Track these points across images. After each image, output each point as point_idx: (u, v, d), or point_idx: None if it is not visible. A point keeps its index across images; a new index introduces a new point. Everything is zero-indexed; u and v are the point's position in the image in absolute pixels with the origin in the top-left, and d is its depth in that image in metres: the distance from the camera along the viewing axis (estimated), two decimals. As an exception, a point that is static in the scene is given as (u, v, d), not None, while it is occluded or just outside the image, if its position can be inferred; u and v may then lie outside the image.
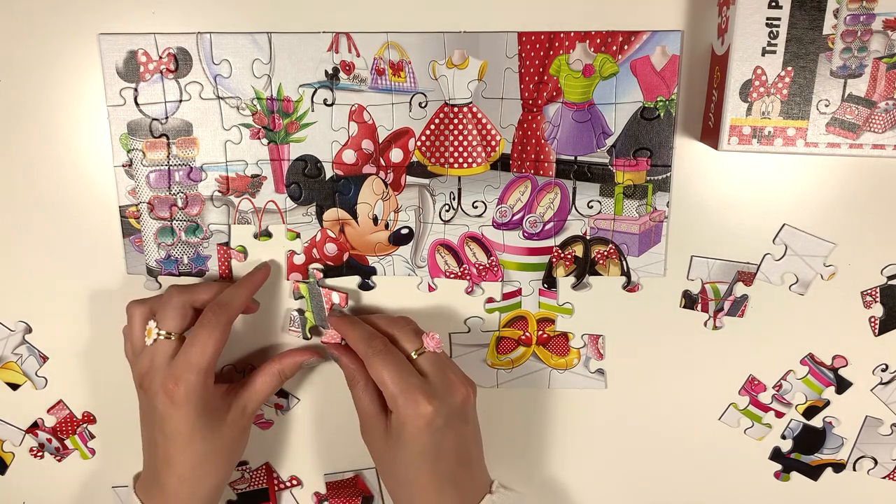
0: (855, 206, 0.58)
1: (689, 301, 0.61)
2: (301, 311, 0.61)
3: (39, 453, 0.65)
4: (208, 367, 0.53)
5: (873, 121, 0.49)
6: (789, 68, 0.49)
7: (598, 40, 0.55)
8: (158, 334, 0.54)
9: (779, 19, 0.48)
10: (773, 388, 0.62)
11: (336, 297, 0.59)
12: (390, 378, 0.52)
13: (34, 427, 0.64)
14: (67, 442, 0.65)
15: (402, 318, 0.58)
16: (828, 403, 0.62)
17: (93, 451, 0.65)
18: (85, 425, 0.64)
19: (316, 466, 0.66)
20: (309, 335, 0.61)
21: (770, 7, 0.48)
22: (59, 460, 0.65)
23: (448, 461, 0.53)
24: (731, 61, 0.49)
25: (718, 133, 0.50)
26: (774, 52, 0.48)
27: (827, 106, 0.49)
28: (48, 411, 0.64)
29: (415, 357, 0.54)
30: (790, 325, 0.61)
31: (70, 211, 0.59)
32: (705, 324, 0.61)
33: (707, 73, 0.55)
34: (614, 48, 0.55)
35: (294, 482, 0.66)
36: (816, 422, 0.63)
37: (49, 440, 0.65)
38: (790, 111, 0.49)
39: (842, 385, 0.62)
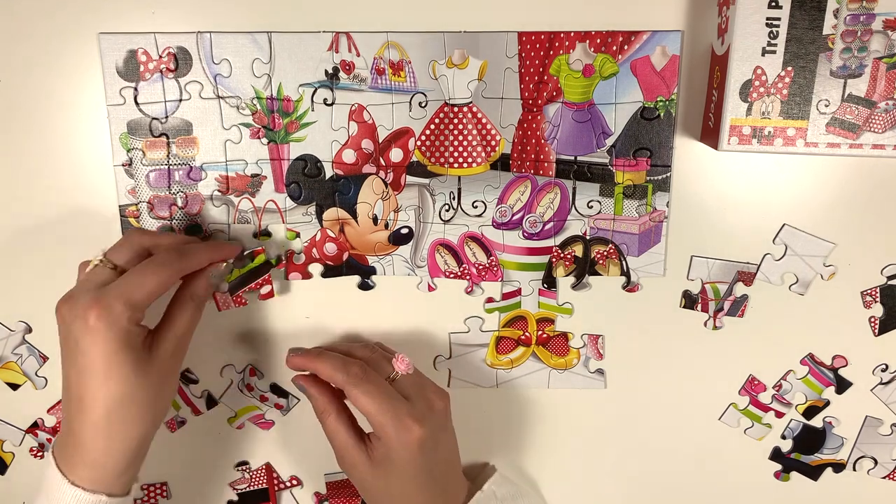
0: (855, 206, 0.58)
1: (689, 301, 0.60)
2: (231, 265, 0.58)
3: (39, 453, 0.65)
4: (139, 304, 0.48)
5: (873, 121, 0.49)
6: (789, 68, 0.49)
7: (598, 40, 0.55)
8: (101, 261, 0.50)
9: (779, 19, 0.48)
10: (773, 388, 0.62)
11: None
12: (376, 406, 0.51)
13: (34, 427, 0.64)
14: (67, 441, 0.65)
15: (365, 346, 0.57)
16: (828, 403, 0.62)
17: (92, 451, 0.65)
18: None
19: (316, 466, 0.66)
20: (225, 288, 0.59)
21: (770, 7, 0.48)
22: (59, 460, 0.65)
23: (438, 476, 0.54)
24: (731, 61, 0.49)
25: (718, 133, 0.50)
26: (774, 52, 0.48)
27: (827, 106, 0.49)
28: (48, 411, 0.64)
29: (390, 382, 0.54)
30: (790, 325, 0.61)
31: (70, 210, 0.59)
32: (705, 324, 0.61)
33: (707, 73, 0.55)
34: (614, 48, 0.55)
35: (294, 482, 0.66)
36: (816, 422, 0.63)
37: (49, 440, 0.64)
38: (790, 111, 0.49)
39: (842, 385, 0.62)
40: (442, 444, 0.54)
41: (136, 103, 0.57)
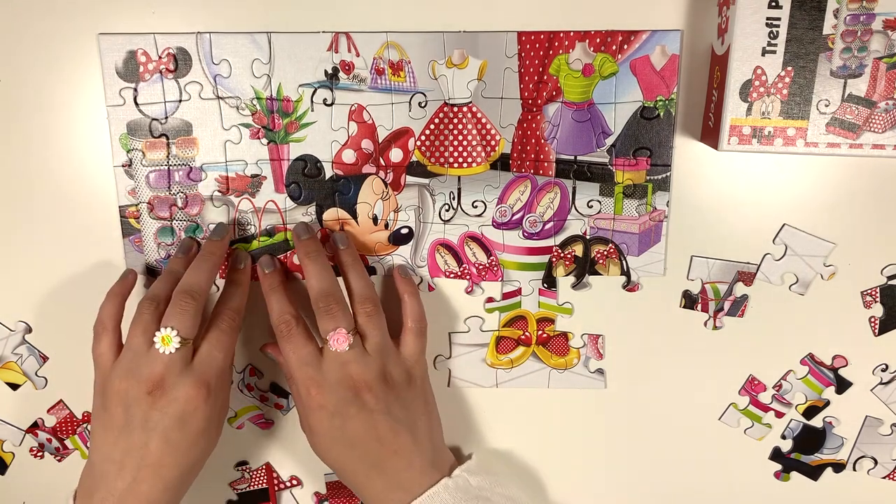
0: (855, 206, 0.58)
1: (689, 301, 0.60)
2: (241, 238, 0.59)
3: (39, 453, 0.65)
4: (229, 372, 0.56)
5: (873, 121, 0.49)
6: (789, 68, 0.49)
7: (598, 40, 0.55)
8: (182, 342, 0.53)
9: (779, 19, 0.48)
10: (773, 388, 0.62)
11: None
12: (289, 366, 0.55)
13: (34, 427, 0.64)
14: (67, 442, 0.65)
15: (328, 299, 0.55)
16: (828, 403, 0.62)
17: (93, 451, 0.65)
18: (85, 425, 0.64)
19: (316, 466, 0.65)
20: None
21: (770, 7, 0.48)
22: (59, 460, 0.65)
23: (363, 447, 0.54)
24: (731, 61, 0.49)
25: (718, 133, 0.50)
26: (774, 52, 0.48)
27: (827, 106, 0.49)
28: (48, 411, 0.64)
29: (324, 345, 0.55)
30: (790, 325, 0.61)
31: (70, 211, 0.59)
32: (705, 324, 0.61)
33: (707, 73, 0.55)
34: (614, 48, 0.55)
35: (294, 482, 0.66)
36: (816, 422, 0.63)
37: (49, 440, 0.65)
38: (790, 111, 0.49)
39: (842, 385, 0.62)
40: (358, 420, 0.54)
41: (136, 104, 0.57)
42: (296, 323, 0.55)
